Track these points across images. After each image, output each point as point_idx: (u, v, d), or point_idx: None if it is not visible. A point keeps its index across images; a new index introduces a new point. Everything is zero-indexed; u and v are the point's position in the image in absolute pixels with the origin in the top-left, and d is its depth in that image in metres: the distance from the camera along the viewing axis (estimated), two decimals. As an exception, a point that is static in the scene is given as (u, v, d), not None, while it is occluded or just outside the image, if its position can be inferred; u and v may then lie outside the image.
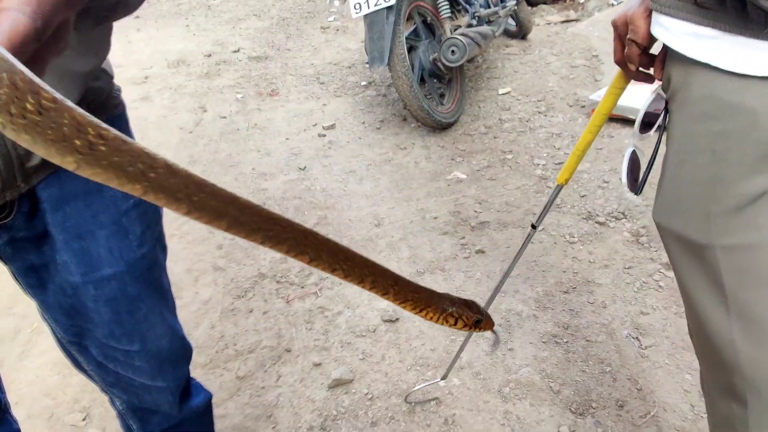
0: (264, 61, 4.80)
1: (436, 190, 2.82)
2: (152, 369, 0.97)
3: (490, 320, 0.76)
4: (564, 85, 3.81)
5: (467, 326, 0.72)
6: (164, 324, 0.96)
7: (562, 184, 1.20)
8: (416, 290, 0.66)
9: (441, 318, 0.70)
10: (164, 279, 0.97)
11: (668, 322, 1.95)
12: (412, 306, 0.67)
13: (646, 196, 2.58)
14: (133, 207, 0.85)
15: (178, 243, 2.52)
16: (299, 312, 2.10)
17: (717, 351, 0.84)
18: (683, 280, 0.86)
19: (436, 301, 0.69)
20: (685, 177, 0.82)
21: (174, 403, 1.06)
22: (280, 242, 0.52)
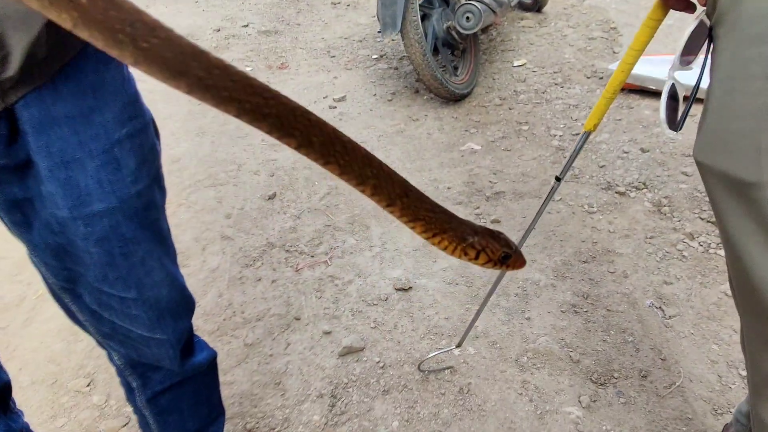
0: (274, 35, 4.71)
1: (449, 160, 2.74)
2: (151, 319, 0.90)
3: (521, 257, 0.65)
4: (581, 56, 3.70)
5: (491, 261, 0.62)
6: (163, 270, 0.89)
7: (591, 130, 1.12)
8: (431, 208, 0.56)
9: (459, 249, 0.59)
10: (163, 223, 0.90)
11: (693, 292, 1.87)
12: (423, 228, 0.57)
13: (668, 165, 2.49)
14: (126, 137, 0.78)
15: (186, 212, 2.47)
16: (309, 281, 2.04)
17: (763, 300, 0.77)
18: (727, 224, 0.79)
19: (455, 227, 0.59)
20: (733, 108, 0.74)
21: (175, 358, 0.99)
22: (260, 117, 0.44)
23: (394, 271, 2.05)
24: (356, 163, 0.49)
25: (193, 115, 3.36)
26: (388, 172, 0.52)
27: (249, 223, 2.39)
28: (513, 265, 0.64)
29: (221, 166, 2.80)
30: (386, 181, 0.52)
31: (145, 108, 0.84)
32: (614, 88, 1.04)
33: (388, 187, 0.52)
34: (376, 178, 0.51)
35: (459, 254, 0.59)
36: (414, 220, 0.55)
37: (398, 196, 0.53)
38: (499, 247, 0.61)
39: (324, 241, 2.24)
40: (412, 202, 0.54)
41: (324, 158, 0.48)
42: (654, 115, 2.93)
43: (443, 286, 1.97)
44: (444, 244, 0.58)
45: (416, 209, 0.55)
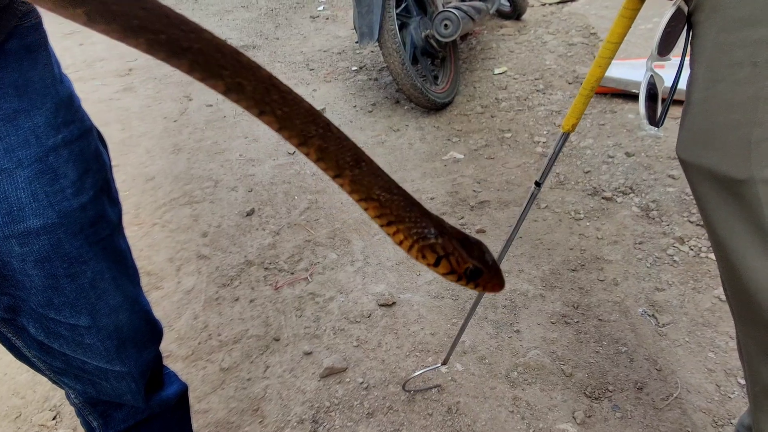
0: (252, 50, 4.64)
1: (432, 170, 2.68)
2: (108, 349, 0.81)
3: (496, 277, 0.52)
4: (562, 62, 3.66)
5: (455, 274, 0.49)
6: (120, 293, 0.80)
7: (569, 131, 1.05)
8: (388, 188, 0.46)
9: (416, 247, 0.48)
10: (118, 240, 0.81)
11: (686, 298, 1.80)
12: (377, 212, 0.47)
13: (654, 169, 2.44)
14: (63, 144, 0.70)
15: (161, 231, 2.37)
16: (288, 299, 1.96)
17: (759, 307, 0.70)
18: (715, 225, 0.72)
19: (416, 219, 0.47)
20: (717, 99, 0.67)
21: (138, 393, 0.90)
22: (178, 52, 0.37)
23: (377, 286, 1.97)
24: (298, 117, 0.42)
25: (169, 132, 3.27)
26: (338, 134, 0.44)
27: (226, 240, 2.30)
28: (485, 285, 0.52)
29: (197, 183, 2.71)
30: (334, 143, 0.43)
31: (84, 113, 0.75)
32: (591, 85, 0.98)
33: (337, 152, 0.44)
34: (322, 139, 0.43)
35: (416, 255, 0.48)
36: (366, 200, 0.46)
37: (348, 165, 0.44)
38: (467, 258, 0.49)
39: (304, 257, 2.16)
40: (364, 175, 0.45)
41: (258, 107, 0.40)
42: (638, 118, 2.89)
43: (428, 300, 1.89)
44: (399, 237, 0.48)
45: (369, 186, 0.46)
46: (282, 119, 0.41)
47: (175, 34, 0.36)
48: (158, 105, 3.66)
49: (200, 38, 0.38)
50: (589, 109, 3.06)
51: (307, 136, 0.43)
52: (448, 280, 0.51)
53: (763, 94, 0.62)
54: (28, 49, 0.67)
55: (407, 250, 0.48)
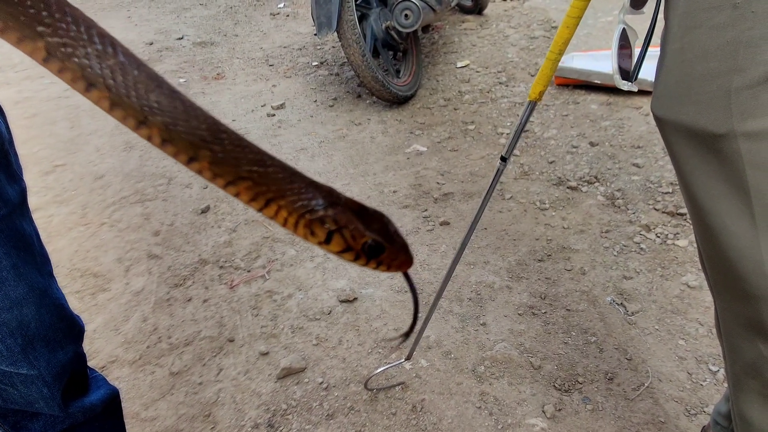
0: (209, 47, 4.51)
1: (394, 163, 2.60)
2: (11, 349, 0.71)
3: (402, 253, 0.43)
4: (524, 55, 3.63)
5: (351, 251, 0.42)
6: (24, 285, 0.70)
7: (536, 99, 0.99)
8: (260, 161, 0.38)
9: (302, 224, 0.40)
10: (20, 223, 0.70)
11: (654, 285, 1.76)
12: (251, 193, 0.38)
13: (618, 158, 2.41)
14: None
15: (109, 231, 2.24)
16: (244, 298, 1.85)
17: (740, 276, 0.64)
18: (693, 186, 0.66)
19: (299, 191, 0.39)
20: (694, 48, 0.61)
21: (53, 399, 0.79)
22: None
23: (338, 281, 1.88)
24: (134, 89, 0.33)
25: (121, 130, 3.13)
26: (189, 105, 0.35)
27: (179, 239, 2.18)
28: (389, 263, 0.43)
29: (150, 181, 2.59)
30: (183, 118, 0.34)
31: None
32: (559, 47, 0.91)
33: (188, 129, 0.34)
34: (168, 114, 0.34)
35: (304, 232, 0.40)
36: (236, 182, 0.37)
37: (204, 142, 0.35)
38: (363, 231, 0.41)
39: (262, 254, 2.06)
40: (228, 152, 0.36)
41: (86, 79, 0.31)
42: (601, 108, 2.87)
43: (391, 294, 1.81)
44: (282, 215, 0.39)
45: (236, 163, 0.37)
46: (117, 96, 0.32)
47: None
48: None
49: None
50: (552, 100, 3.03)
51: (148, 113, 0.33)
52: (344, 260, 0.43)
53: (743, 38, 0.56)
54: None
55: (293, 228, 0.39)
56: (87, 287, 1.94)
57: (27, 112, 3.40)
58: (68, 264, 2.05)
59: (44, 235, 2.23)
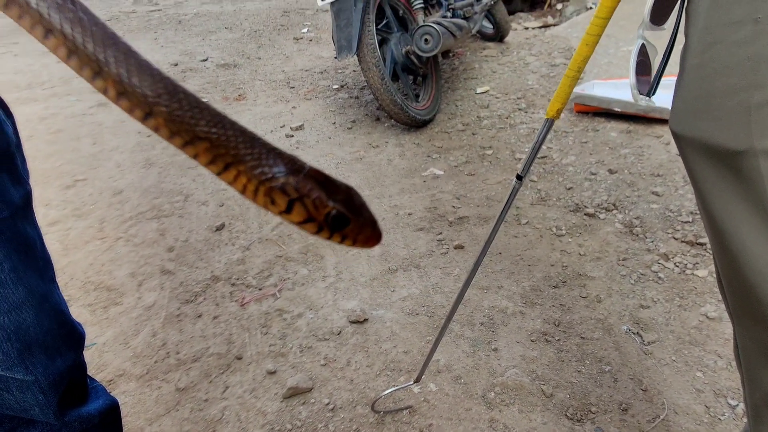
0: (232, 69, 4.59)
1: (410, 186, 2.60)
2: (7, 353, 0.70)
3: (369, 226, 0.41)
4: (544, 83, 3.63)
5: (313, 222, 0.40)
6: (24, 289, 0.69)
7: (554, 117, 0.98)
8: (218, 123, 0.37)
9: (262, 191, 0.38)
10: (23, 226, 0.70)
11: (672, 315, 1.72)
12: (209, 155, 0.37)
13: (637, 186, 2.38)
14: None
15: (125, 246, 2.26)
16: (254, 316, 1.84)
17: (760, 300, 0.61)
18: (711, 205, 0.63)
19: (259, 156, 0.38)
20: (715, 63, 0.59)
21: (48, 407, 0.77)
22: None
23: (349, 302, 1.86)
24: (92, 41, 0.32)
25: (142, 147, 3.17)
26: (145, 62, 0.34)
27: (193, 255, 2.19)
28: (354, 236, 0.41)
29: (167, 197, 2.61)
30: (138, 72, 0.33)
31: None
32: (578, 65, 0.90)
33: (143, 84, 0.34)
34: (123, 66, 0.33)
35: (263, 201, 0.39)
36: (193, 141, 0.36)
37: (161, 98, 0.35)
38: (326, 200, 0.39)
39: (274, 272, 2.05)
40: (185, 110, 0.35)
41: (40, 24, 0.32)
42: (621, 136, 2.84)
43: (402, 317, 1.79)
44: (242, 181, 0.38)
45: (193, 122, 0.36)
46: (74, 46, 0.32)
47: None
48: (132, 121, 3.56)
49: None
50: (571, 128, 3.01)
51: (103, 64, 0.33)
52: (305, 231, 0.40)
53: (765, 53, 0.54)
54: None
55: (252, 196, 0.38)
56: (100, 300, 1.95)
57: (52, 127, 3.47)
58: (83, 277, 2.06)
59: (61, 248, 2.26)
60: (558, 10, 5.50)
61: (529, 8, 5.76)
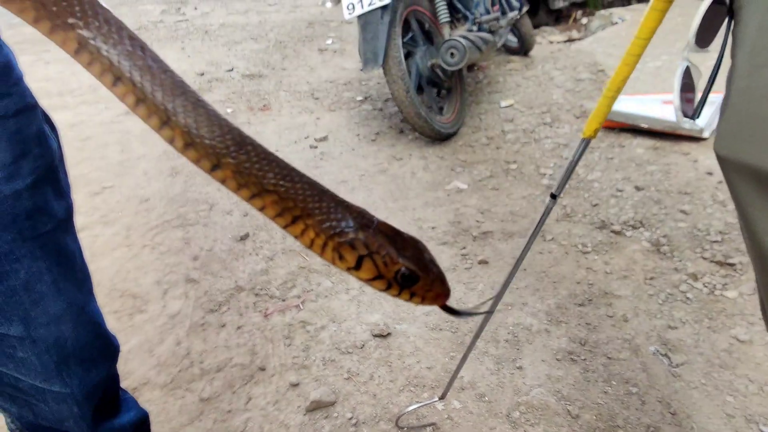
0: (258, 79, 4.63)
1: (434, 200, 2.59)
2: (46, 365, 0.71)
3: (438, 283, 0.40)
4: (569, 97, 3.61)
5: (382, 279, 0.39)
6: (62, 300, 0.70)
7: (591, 136, 0.97)
8: (286, 175, 0.37)
9: (330, 246, 0.38)
10: (64, 239, 0.71)
11: (701, 337, 1.69)
12: (277, 208, 0.37)
13: (664, 203, 2.35)
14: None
15: (150, 254, 2.28)
16: (278, 327, 1.85)
17: None
18: (756, 230, 0.62)
19: (327, 210, 0.38)
20: (761, 87, 0.59)
21: (83, 419, 0.78)
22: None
23: (372, 315, 1.86)
24: (161, 88, 0.32)
25: (168, 155, 3.21)
26: (213, 111, 0.34)
27: (217, 265, 2.20)
28: (423, 294, 0.40)
29: (192, 206, 2.63)
30: (207, 123, 0.33)
31: (26, 89, 0.66)
32: (617, 85, 0.89)
33: (212, 135, 0.33)
34: (191, 116, 0.33)
35: (331, 256, 0.38)
36: (261, 194, 0.36)
37: (229, 150, 0.34)
38: (396, 258, 0.38)
39: (297, 284, 2.06)
40: (253, 162, 0.35)
41: (111, 72, 0.31)
42: (647, 153, 2.81)
43: (425, 332, 1.78)
44: (309, 235, 0.37)
45: (261, 174, 0.35)
46: (143, 94, 0.32)
47: None
48: (159, 129, 3.61)
49: None
50: (597, 143, 2.99)
51: (171, 114, 0.33)
52: (374, 288, 0.39)
53: None
54: None
55: (320, 251, 0.37)
56: (125, 308, 1.97)
57: (81, 134, 3.53)
58: (109, 284, 2.08)
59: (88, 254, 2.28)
60: (583, 24, 5.48)
61: (554, 22, 5.75)
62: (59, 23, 0.32)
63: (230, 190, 0.35)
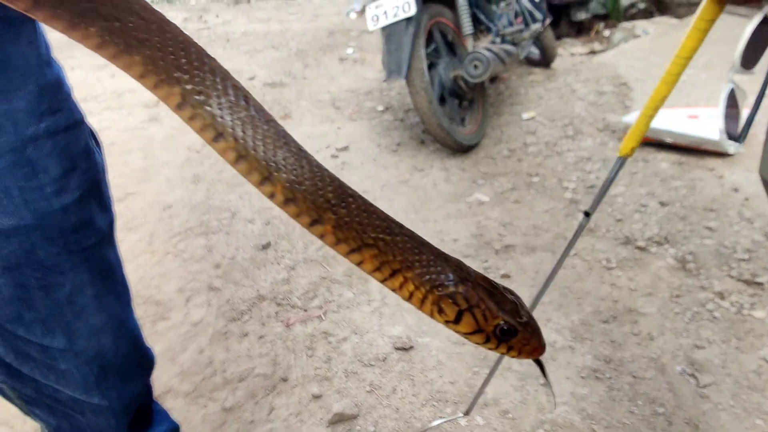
0: (279, 88, 4.66)
1: (456, 212, 2.59)
2: (86, 377, 0.71)
3: (535, 337, 0.41)
4: (592, 110, 3.59)
5: (481, 333, 0.39)
6: (104, 313, 0.70)
7: (627, 155, 0.96)
8: (386, 229, 0.36)
9: (430, 300, 0.38)
10: (107, 252, 0.71)
11: (728, 357, 1.66)
12: (375, 262, 0.37)
13: (690, 220, 2.32)
14: (45, 135, 0.61)
15: (173, 261, 2.30)
16: (300, 337, 1.85)
17: None
18: None
19: (427, 264, 0.38)
20: None
21: (119, 431, 0.79)
22: (106, 44, 0.29)
23: (394, 328, 1.85)
24: (267, 143, 0.32)
25: (191, 162, 3.24)
26: (314, 163, 0.34)
27: (239, 273, 2.21)
28: (520, 348, 0.40)
29: (214, 214, 2.65)
30: (309, 176, 0.33)
31: (74, 105, 0.67)
32: (656, 104, 0.89)
33: (313, 189, 0.32)
34: (292, 172, 0.33)
35: (430, 309, 0.38)
36: (360, 249, 0.35)
37: (329, 204, 0.34)
38: (496, 312, 0.38)
39: (319, 294, 2.06)
40: (353, 216, 0.34)
41: (216, 128, 0.31)
42: (672, 168, 2.78)
43: (448, 345, 1.77)
44: (408, 288, 0.37)
45: (361, 229, 0.35)
46: (244, 149, 0.32)
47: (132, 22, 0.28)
48: (182, 136, 3.65)
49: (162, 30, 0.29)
50: (620, 157, 2.96)
51: (273, 169, 0.32)
52: (472, 341, 0.39)
53: None
54: (9, 22, 0.58)
55: (418, 304, 0.37)
56: (148, 315, 1.98)
57: (105, 140, 3.56)
58: (132, 290, 2.09)
59: (112, 261, 2.29)
60: (605, 36, 5.46)
61: (576, 34, 5.73)
62: (165, 78, 0.32)
63: (327, 245, 0.34)
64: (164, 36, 0.31)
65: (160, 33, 0.30)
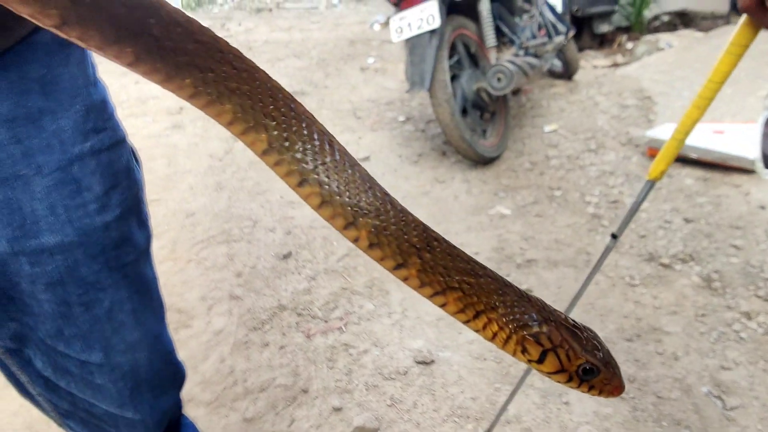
0: (300, 97, 4.69)
1: (477, 224, 2.58)
2: (121, 392, 0.72)
3: (616, 377, 0.41)
4: (615, 124, 3.57)
5: (564, 372, 0.40)
6: (140, 328, 0.71)
7: (657, 178, 0.95)
8: (470, 271, 0.37)
9: (514, 340, 0.38)
10: (145, 268, 0.72)
11: (756, 379, 1.63)
12: (459, 305, 0.37)
13: (715, 237, 2.29)
14: (90, 153, 0.62)
15: (196, 268, 2.32)
16: (320, 348, 1.85)
17: None
18: None
19: (511, 305, 0.38)
20: None
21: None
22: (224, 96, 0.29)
23: (415, 341, 1.85)
24: (350, 189, 0.32)
25: (213, 170, 3.27)
26: (398, 207, 0.34)
27: (260, 282, 2.22)
28: (601, 387, 0.41)
29: (236, 222, 2.67)
30: (395, 220, 0.33)
31: (117, 123, 0.68)
32: (687, 128, 0.88)
33: (398, 233, 0.33)
34: (377, 216, 0.32)
35: (513, 349, 0.38)
36: (445, 292, 0.35)
37: (415, 248, 0.33)
38: (579, 352, 0.39)
39: (339, 305, 2.06)
40: (438, 260, 0.35)
41: (301, 175, 0.31)
42: (697, 184, 2.75)
43: (469, 361, 1.76)
44: (492, 328, 0.37)
45: (446, 272, 0.35)
46: (329, 194, 0.32)
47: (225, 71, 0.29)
48: (205, 143, 3.69)
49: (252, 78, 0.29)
50: (644, 172, 2.93)
51: (358, 214, 0.33)
52: (554, 380, 0.40)
53: None
54: (60, 44, 0.60)
55: (501, 344, 0.37)
56: (171, 322, 1.98)
57: (129, 147, 3.62)
58: (155, 297, 2.12)
59: (136, 268, 2.32)
60: (628, 49, 5.42)
61: (598, 46, 5.70)
62: (253, 125, 0.32)
63: (411, 288, 0.35)
64: (254, 84, 0.31)
65: (251, 81, 0.31)
